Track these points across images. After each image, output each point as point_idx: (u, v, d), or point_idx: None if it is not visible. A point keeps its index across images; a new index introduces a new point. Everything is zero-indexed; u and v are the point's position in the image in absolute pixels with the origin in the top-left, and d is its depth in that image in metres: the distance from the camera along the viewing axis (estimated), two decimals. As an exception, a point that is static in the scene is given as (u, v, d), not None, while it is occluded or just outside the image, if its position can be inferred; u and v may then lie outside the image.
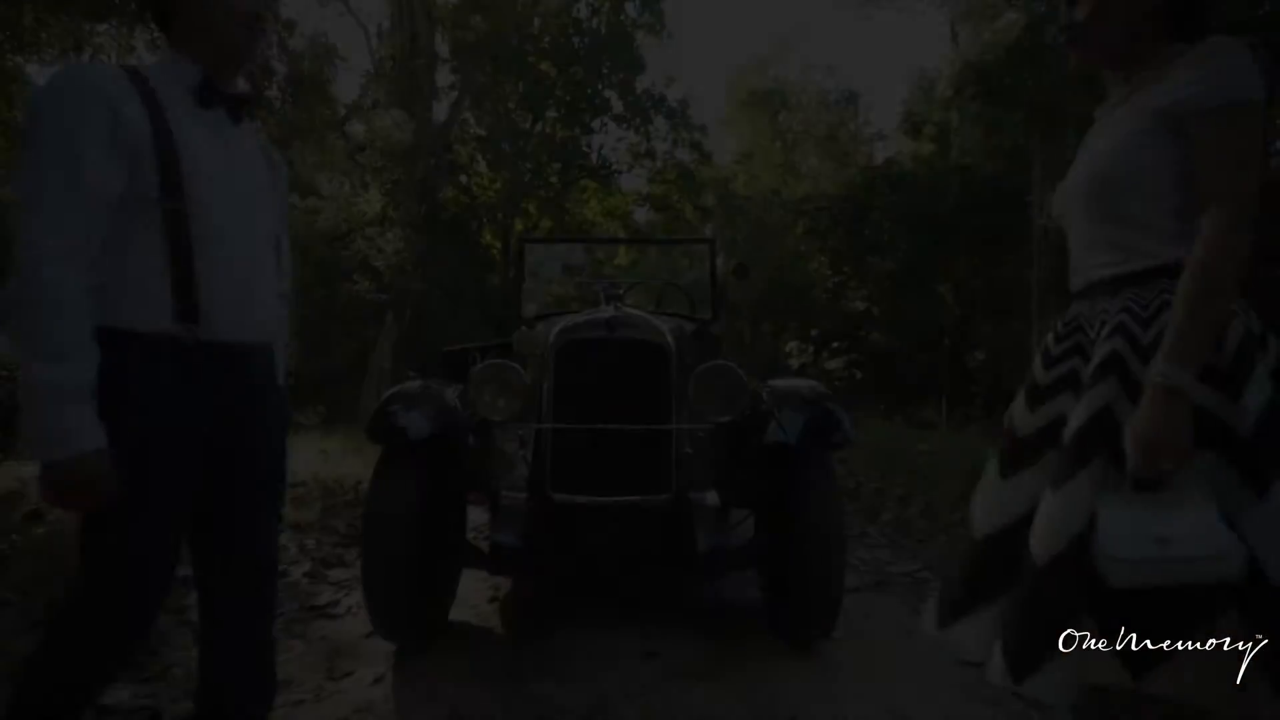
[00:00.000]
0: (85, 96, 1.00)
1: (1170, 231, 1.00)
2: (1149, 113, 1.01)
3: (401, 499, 1.98)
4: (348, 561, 3.03)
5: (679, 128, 18.54)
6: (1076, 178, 1.12)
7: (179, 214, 1.05)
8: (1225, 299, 0.93)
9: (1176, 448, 0.89)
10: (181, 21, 1.12)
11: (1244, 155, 0.95)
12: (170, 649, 2.02)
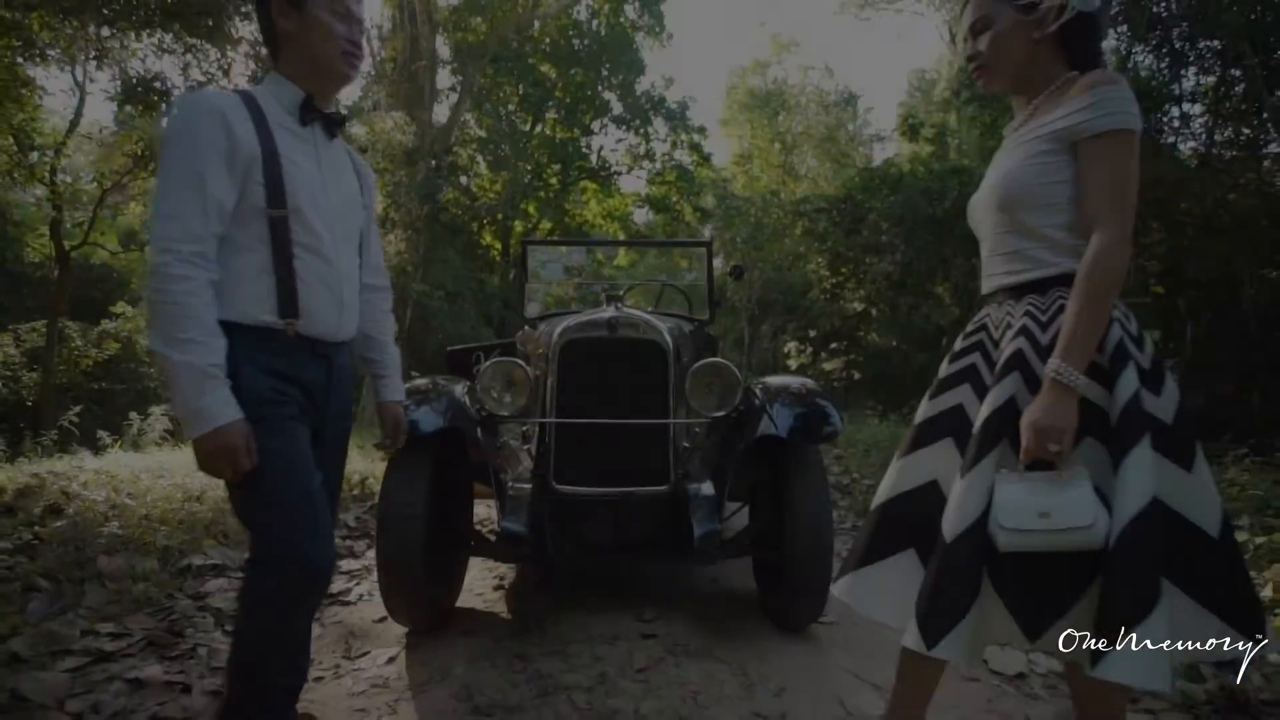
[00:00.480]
0: (207, 121, 1.16)
1: (1064, 243, 1.14)
2: (1046, 135, 1.15)
3: (413, 489, 2.10)
4: (357, 553, 3.16)
5: (678, 129, 18.68)
6: (985, 192, 1.26)
7: (282, 221, 1.22)
8: (1107, 307, 1.08)
9: (1064, 433, 1.05)
10: (289, 49, 1.29)
11: (1126, 178, 1.09)
12: (195, 631, 2.14)
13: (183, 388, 1.12)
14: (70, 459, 4.80)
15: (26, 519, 3.02)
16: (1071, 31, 1.16)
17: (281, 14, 1.27)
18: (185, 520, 3.16)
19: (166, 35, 6.33)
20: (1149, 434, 1.05)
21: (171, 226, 1.14)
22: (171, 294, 1.12)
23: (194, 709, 1.72)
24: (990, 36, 1.21)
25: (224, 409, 1.14)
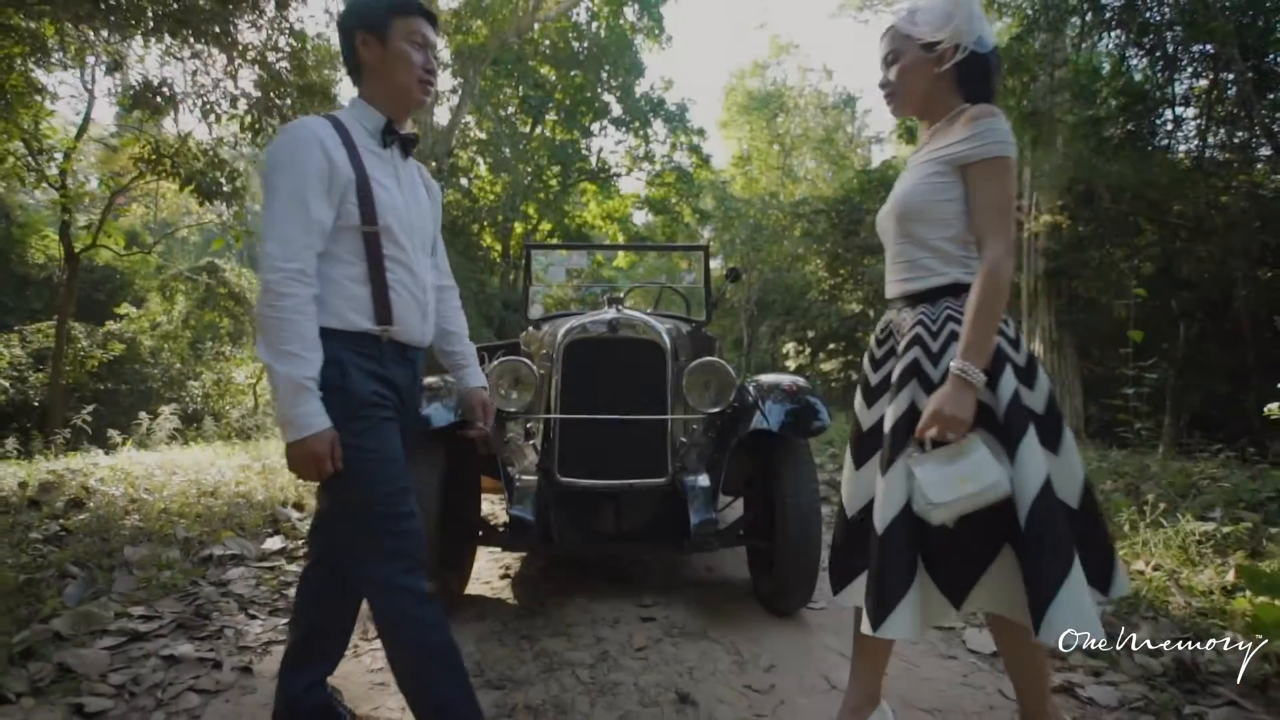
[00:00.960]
0: (309, 149, 1.29)
1: (952, 255, 1.31)
2: (938, 159, 1.31)
3: (425, 481, 2.24)
4: (368, 545, 3.30)
5: (677, 131, 18.83)
6: (888, 207, 1.42)
7: (374, 237, 1.35)
8: (1000, 312, 1.25)
9: (964, 422, 1.22)
10: (371, 77, 1.41)
11: (1006, 198, 1.26)
12: (221, 615, 2.28)
13: (281, 396, 1.24)
14: (84, 457, 4.94)
15: (51, 512, 3.17)
16: (966, 69, 1.33)
17: (364, 45, 1.39)
18: (202, 514, 3.30)
19: (174, 41, 6.48)
20: (1032, 425, 1.23)
21: (280, 247, 1.26)
22: (279, 309, 1.23)
23: (225, 682, 1.86)
24: (899, 68, 1.38)
25: (315, 419, 1.24)
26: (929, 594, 1.28)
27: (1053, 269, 9.18)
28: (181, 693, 1.79)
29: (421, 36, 1.41)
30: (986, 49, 1.34)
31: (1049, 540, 1.17)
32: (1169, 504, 2.99)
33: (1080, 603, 1.15)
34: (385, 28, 1.37)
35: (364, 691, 1.84)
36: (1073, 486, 1.27)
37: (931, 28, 1.32)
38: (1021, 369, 1.28)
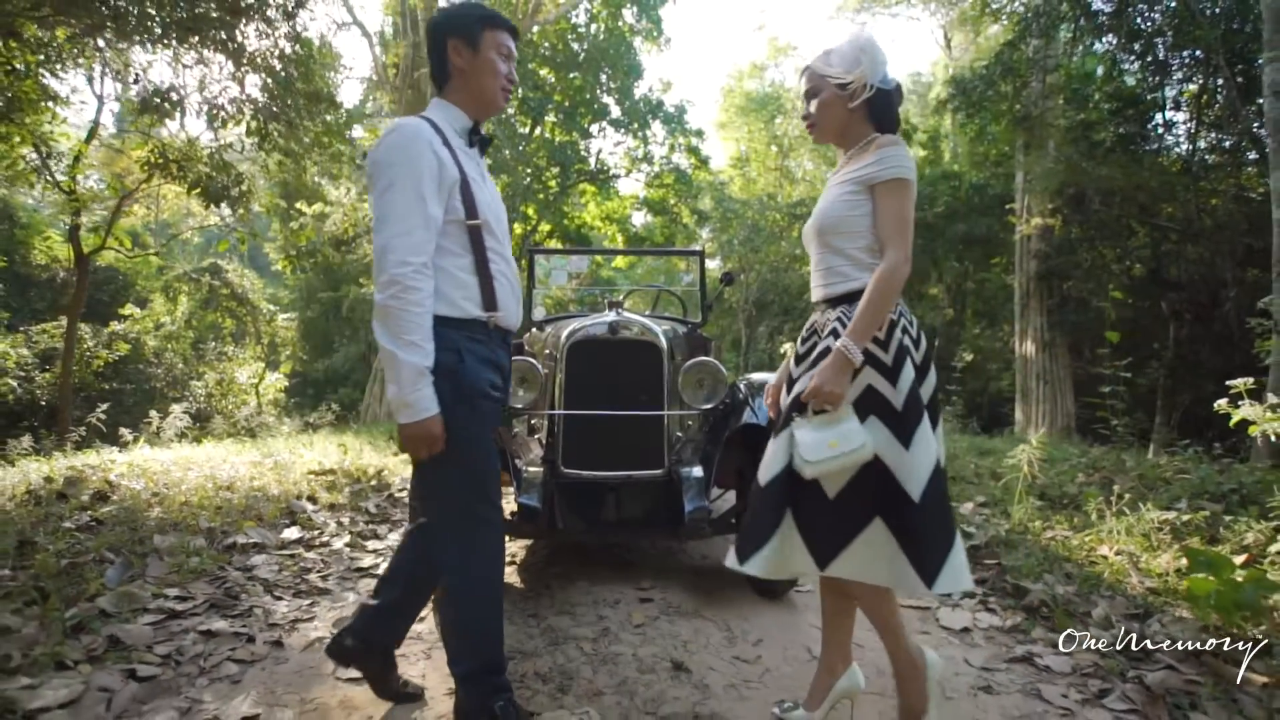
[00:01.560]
0: (421, 147, 1.41)
1: (864, 261, 1.50)
2: (851, 180, 1.51)
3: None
4: (380, 535, 3.48)
5: (676, 133, 19.00)
6: (810, 222, 1.62)
7: (477, 230, 1.49)
8: (888, 307, 1.46)
9: (838, 396, 1.43)
10: (459, 82, 1.55)
11: (906, 214, 1.46)
12: (249, 596, 2.47)
13: (403, 381, 1.35)
14: (99, 454, 5.12)
15: (79, 504, 3.34)
16: (874, 103, 1.54)
17: (457, 52, 1.52)
18: (222, 506, 3.49)
19: (182, 48, 6.66)
20: (925, 414, 1.43)
21: (405, 242, 1.36)
22: (406, 302, 1.35)
23: (259, 654, 2.05)
24: (818, 103, 1.58)
25: (430, 404, 1.37)
26: (793, 547, 1.47)
27: (1044, 270, 9.38)
28: (221, 662, 1.98)
29: (506, 49, 1.56)
30: (890, 86, 1.55)
31: (940, 515, 1.40)
32: (1137, 496, 3.18)
33: (960, 564, 1.39)
34: (477, 37, 1.52)
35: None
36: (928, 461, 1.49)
37: (843, 69, 1.53)
38: (918, 364, 1.49)
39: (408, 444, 1.42)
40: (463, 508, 1.51)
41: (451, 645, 1.55)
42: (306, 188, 10.68)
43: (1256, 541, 2.52)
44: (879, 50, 1.54)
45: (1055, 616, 2.23)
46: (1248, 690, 1.70)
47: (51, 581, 2.29)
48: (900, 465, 1.41)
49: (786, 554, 1.48)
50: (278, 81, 6.48)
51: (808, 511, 1.47)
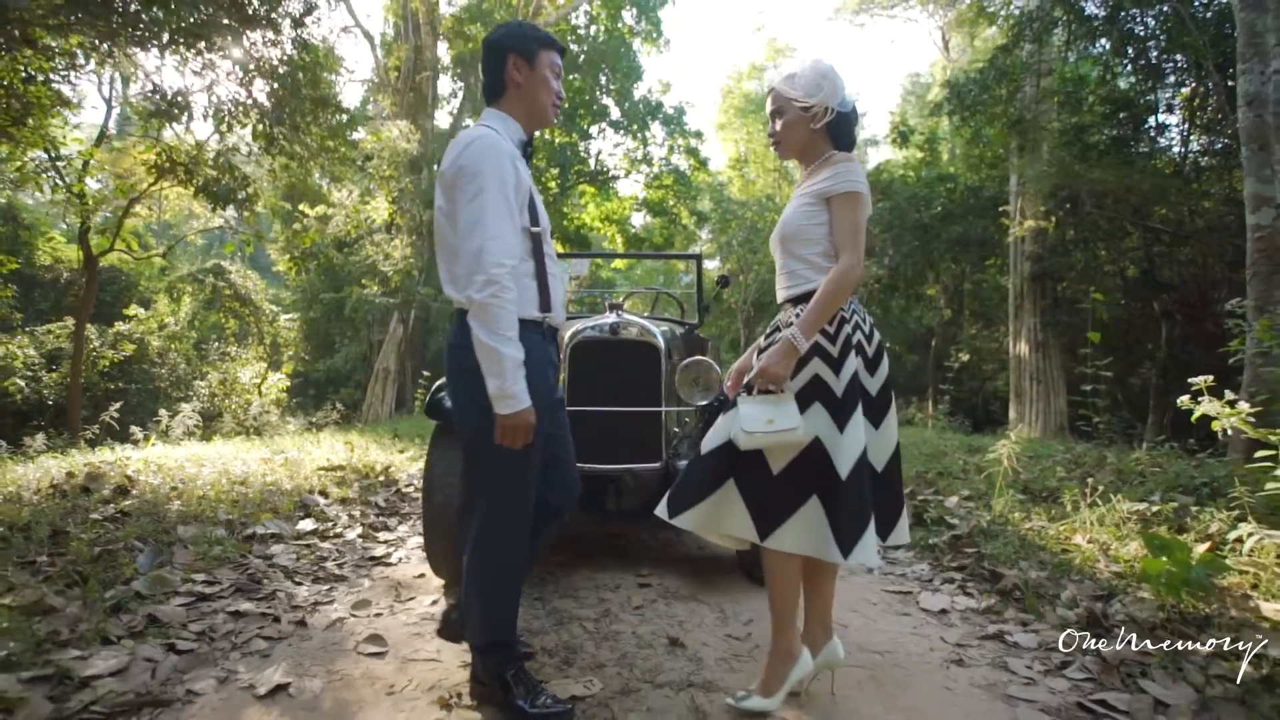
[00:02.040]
0: (503, 159, 1.54)
1: (820, 265, 1.67)
2: (810, 193, 1.69)
3: (450, 464, 2.59)
4: (390, 527, 3.66)
5: (675, 134, 19.18)
6: (775, 230, 1.79)
7: (538, 237, 1.63)
8: (837, 305, 1.63)
9: (782, 378, 1.61)
10: (515, 95, 1.69)
11: (858, 223, 1.64)
12: (271, 581, 2.64)
13: (505, 374, 1.46)
14: (113, 451, 5.28)
15: (102, 498, 3.51)
16: (833, 125, 1.73)
17: (516, 68, 1.67)
18: (238, 499, 3.66)
19: (189, 53, 6.83)
20: (861, 403, 1.61)
21: (500, 245, 1.48)
22: (503, 300, 1.46)
23: (285, 632, 2.22)
24: (783, 123, 1.76)
25: (526, 395, 1.50)
26: (731, 512, 1.64)
27: (1038, 271, 9.55)
28: (250, 639, 2.14)
29: (557, 68, 1.73)
30: (847, 109, 1.73)
31: (861, 495, 1.58)
32: (1113, 489, 3.35)
33: (870, 543, 1.57)
34: (534, 55, 1.68)
35: (404, 638, 2.19)
36: (883, 455, 1.69)
37: (806, 93, 1.71)
38: (869, 358, 1.67)
39: (506, 434, 1.52)
40: (507, 500, 1.65)
41: (472, 619, 1.71)
42: (309, 190, 10.83)
43: (1219, 530, 2.69)
44: (838, 77, 1.72)
45: (1025, 599, 2.40)
46: (1192, 660, 1.87)
47: (87, 567, 2.46)
48: (835, 447, 1.58)
49: (719, 516, 1.65)
50: (284, 86, 6.64)
51: (751, 485, 1.63)
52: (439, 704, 1.76)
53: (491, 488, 1.66)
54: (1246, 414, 2.55)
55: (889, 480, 1.72)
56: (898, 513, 1.73)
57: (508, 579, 1.71)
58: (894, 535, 1.73)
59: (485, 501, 1.67)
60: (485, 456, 1.63)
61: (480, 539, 1.68)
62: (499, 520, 1.67)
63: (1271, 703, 1.64)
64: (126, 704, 1.70)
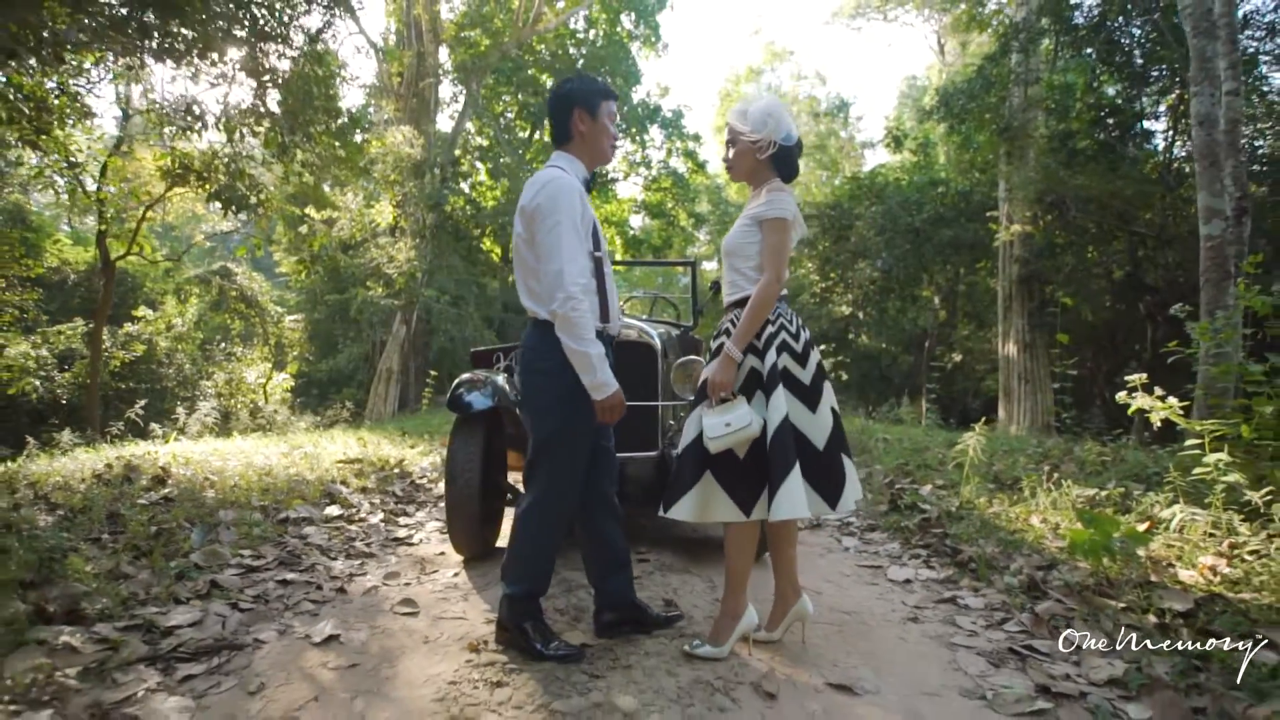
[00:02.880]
0: (574, 197, 1.92)
1: (753, 279, 2.00)
2: (748, 216, 2.03)
3: (470, 451, 2.93)
4: (409, 514, 3.99)
5: (673, 137, 19.56)
6: (723, 243, 2.13)
7: (599, 259, 2.01)
8: (763, 317, 1.96)
9: (727, 385, 1.95)
10: (580, 141, 2.06)
11: (781, 245, 1.96)
12: (308, 557, 2.97)
13: (595, 368, 1.87)
14: (139, 445, 5.61)
15: (144, 486, 3.84)
16: (778, 156, 2.06)
17: (581, 119, 2.04)
18: (268, 488, 3.99)
19: (204, 64, 7.16)
20: (782, 384, 1.93)
21: (574, 267, 1.86)
22: (582, 312, 1.85)
23: (329, 597, 2.55)
24: (734, 151, 2.10)
25: (614, 381, 1.92)
26: (715, 500, 1.97)
27: (1025, 274, 9.90)
28: (299, 601, 2.48)
29: (614, 116, 2.11)
30: (791, 142, 2.06)
31: (782, 455, 1.88)
32: (1074, 478, 3.70)
33: (795, 494, 1.85)
34: (596, 107, 2.06)
35: (433, 601, 2.53)
36: (821, 435, 1.99)
37: (753, 128, 2.03)
38: (796, 353, 2.00)
39: (605, 413, 1.93)
40: (560, 481, 2.02)
41: (512, 570, 2.07)
42: (315, 194, 11.16)
43: (1158, 512, 3.04)
44: (784, 115, 2.05)
45: (979, 569, 2.75)
46: (1107, 613, 2.21)
47: (148, 543, 2.79)
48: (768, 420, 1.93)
49: (706, 504, 1.98)
50: (296, 97, 6.97)
51: (726, 474, 1.96)
52: (469, 649, 2.10)
53: (550, 470, 2.03)
54: (1177, 407, 2.89)
55: (831, 457, 1.99)
56: (842, 484, 2.01)
57: (548, 543, 2.07)
58: (841, 504, 2.01)
59: (544, 478, 2.04)
60: (549, 443, 2.02)
61: (531, 509, 2.04)
62: (550, 497, 2.04)
63: (1170, 644, 1.98)
64: (207, 647, 2.04)
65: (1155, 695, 1.73)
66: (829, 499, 1.99)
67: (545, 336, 1.97)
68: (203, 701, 1.76)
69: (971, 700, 1.82)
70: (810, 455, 1.96)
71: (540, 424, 2.04)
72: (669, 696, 1.81)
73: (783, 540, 2.14)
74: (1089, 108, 10.43)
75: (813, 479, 1.96)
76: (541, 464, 2.05)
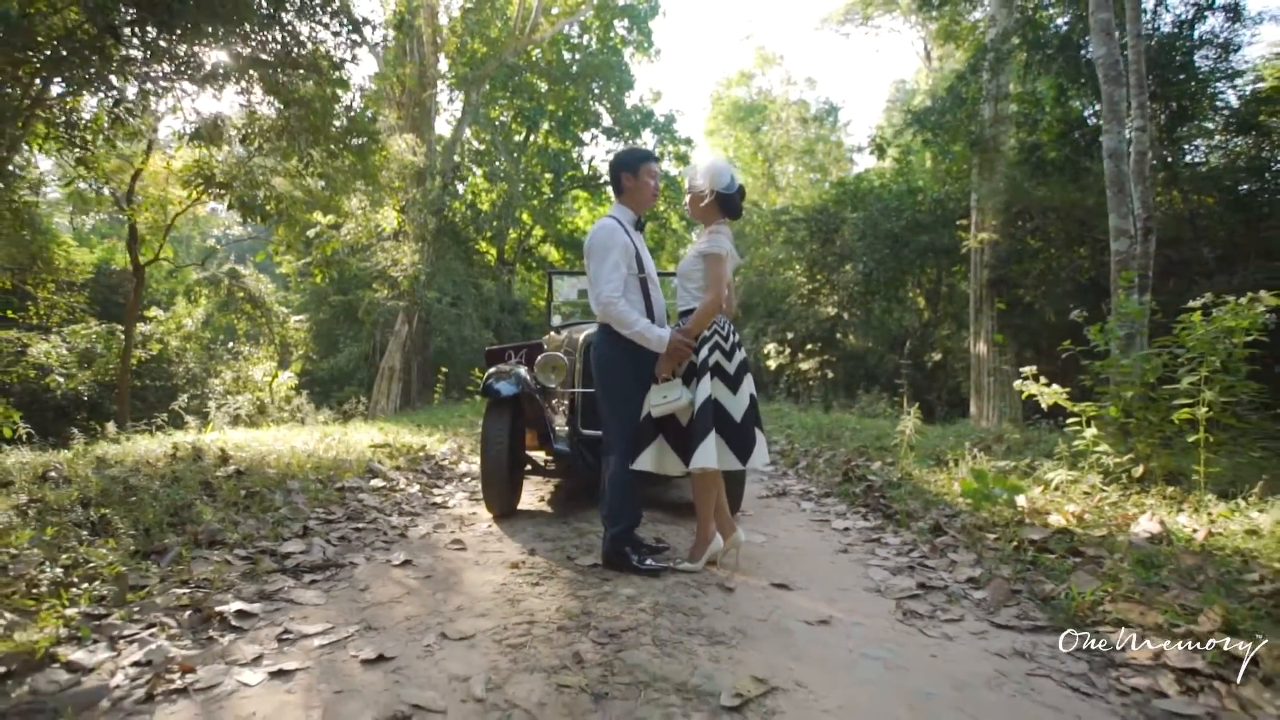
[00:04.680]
0: (619, 236, 2.80)
1: (697, 297, 2.83)
2: (696, 249, 2.87)
3: (500, 428, 3.73)
4: (440, 486, 4.79)
5: (666, 140, 20.39)
6: (678, 268, 2.95)
7: (643, 281, 2.84)
8: (703, 327, 2.79)
9: (669, 368, 2.79)
10: (629, 193, 2.91)
11: (717, 274, 2.78)
12: (368, 516, 3.76)
13: (646, 335, 2.72)
14: (183, 434, 6.37)
15: (214, 464, 4.62)
16: (721, 202, 2.87)
17: (627, 179, 2.91)
18: (318, 465, 4.77)
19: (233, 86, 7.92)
20: (711, 373, 2.74)
21: (608, 287, 2.72)
22: (620, 309, 2.71)
23: (392, 540, 3.35)
24: (690, 198, 2.93)
25: (664, 332, 2.75)
26: (665, 453, 2.81)
27: (994, 278, 10.79)
28: (373, 541, 3.28)
29: (653, 172, 2.96)
30: (732, 190, 2.87)
31: (703, 424, 2.70)
32: (1001, 456, 4.54)
33: (708, 451, 2.66)
34: (638, 169, 2.92)
35: (476, 541, 3.34)
36: (739, 411, 2.78)
37: (700, 184, 2.86)
38: (725, 351, 2.80)
39: (672, 355, 2.76)
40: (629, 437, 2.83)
41: (611, 513, 2.86)
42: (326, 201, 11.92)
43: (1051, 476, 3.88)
44: (724, 170, 2.87)
45: (900, 519, 3.58)
46: (986, 542, 3.05)
47: (243, 501, 3.58)
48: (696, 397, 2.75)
49: (660, 458, 2.81)
50: (319, 116, 7.73)
51: (673, 436, 2.80)
52: (510, 566, 2.91)
53: (618, 430, 2.84)
54: (1061, 393, 3.74)
55: (746, 427, 2.79)
56: (752, 448, 2.80)
57: (632, 488, 2.88)
58: (750, 462, 2.80)
59: (617, 440, 2.84)
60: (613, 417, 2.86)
61: (617, 471, 2.84)
62: (623, 454, 2.83)
63: (1017, 558, 2.80)
64: (318, 565, 2.84)
65: (992, 583, 2.57)
66: (741, 457, 2.77)
67: (601, 332, 2.88)
68: (329, 594, 2.56)
69: (870, 592, 2.65)
70: (730, 425, 2.75)
71: (605, 394, 2.88)
72: (658, 589, 2.63)
73: (706, 487, 2.92)
74: (1057, 121, 11.32)
75: (729, 441, 2.75)
76: (610, 428, 2.88)
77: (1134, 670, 1.92)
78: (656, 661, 1.97)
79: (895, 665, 1.99)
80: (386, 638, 2.13)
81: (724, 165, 2.90)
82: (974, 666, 2.00)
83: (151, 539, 2.88)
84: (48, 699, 1.67)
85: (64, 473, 3.87)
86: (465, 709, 1.70)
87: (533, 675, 1.87)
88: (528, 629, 2.21)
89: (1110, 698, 1.81)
